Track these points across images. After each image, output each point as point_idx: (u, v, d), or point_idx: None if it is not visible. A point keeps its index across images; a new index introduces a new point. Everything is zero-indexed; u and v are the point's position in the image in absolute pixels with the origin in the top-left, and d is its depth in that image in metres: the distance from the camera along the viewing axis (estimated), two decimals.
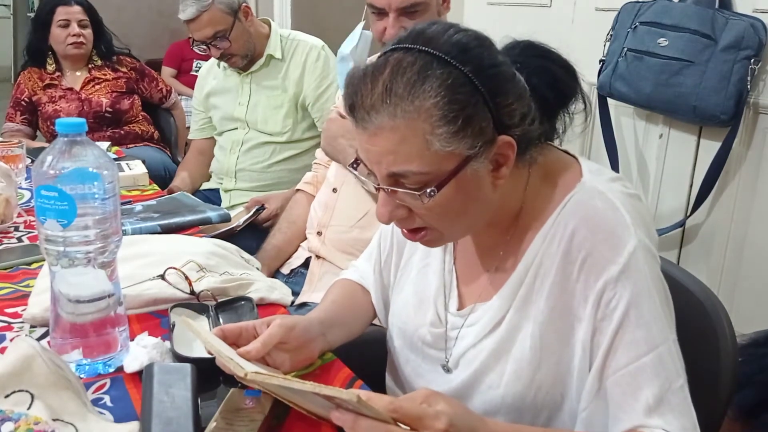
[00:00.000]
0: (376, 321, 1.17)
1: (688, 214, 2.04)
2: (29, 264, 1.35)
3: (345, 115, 0.88)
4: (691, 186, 2.06)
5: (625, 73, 2.04)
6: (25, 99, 2.84)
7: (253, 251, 1.71)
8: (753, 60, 1.80)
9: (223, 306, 1.16)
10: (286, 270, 1.79)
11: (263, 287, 1.24)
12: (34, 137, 2.89)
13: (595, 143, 2.30)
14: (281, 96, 2.30)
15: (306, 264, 1.75)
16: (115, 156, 2.34)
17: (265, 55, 2.31)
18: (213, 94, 2.44)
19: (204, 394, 0.89)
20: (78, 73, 2.88)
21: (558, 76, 0.90)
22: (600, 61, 2.13)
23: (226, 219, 1.71)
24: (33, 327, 1.11)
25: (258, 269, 1.40)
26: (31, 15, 4.92)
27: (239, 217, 2.05)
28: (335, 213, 1.67)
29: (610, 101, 2.18)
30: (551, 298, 0.89)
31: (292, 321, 0.98)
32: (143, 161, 2.14)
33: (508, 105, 0.84)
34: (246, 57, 2.29)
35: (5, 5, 6.98)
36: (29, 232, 1.54)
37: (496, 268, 0.96)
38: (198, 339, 0.96)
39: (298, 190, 1.91)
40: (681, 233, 2.10)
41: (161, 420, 0.80)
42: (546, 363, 0.89)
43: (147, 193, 1.91)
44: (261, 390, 0.88)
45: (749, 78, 1.80)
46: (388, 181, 0.85)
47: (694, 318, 1.03)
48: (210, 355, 0.93)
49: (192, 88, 2.97)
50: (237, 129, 2.38)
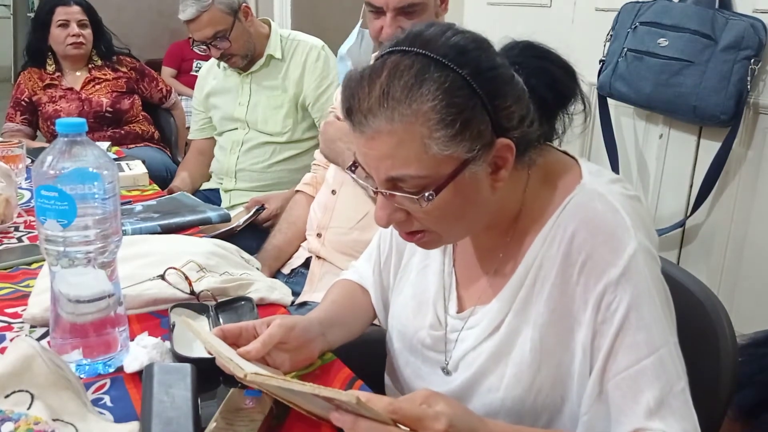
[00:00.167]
0: (376, 321, 1.17)
1: (688, 214, 2.04)
2: (29, 264, 1.35)
3: (342, 118, 0.88)
4: (691, 186, 2.06)
5: (625, 73, 2.04)
6: (25, 99, 2.84)
7: (253, 251, 1.71)
8: (753, 60, 1.80)
9: (223, 306, 1.16)
10: (286, 270, 1.79)
11: (263, 287, 1.24)
12: (34, 137, 2.89)
13: (595, 143, 2.30)
14: (281, 96, 2.30)
15: (306, 264, 1.74)
16: (115, 156, 2.34)
17: (265, 55, 2.31)
18: (213, 94, 2.44)
19: (204, 394, 0.89)
20: (78, 73, 2.88)
21: (557, 76, 0.90)
22: (600, 61, 2.13)
23: (226, 219, 1.71)
24: (33, 327, 1.11)
25: (258, 269, 1.40)
26: (31, 15, 4.92)
27: (239, 217, 2.05)
28: (334, 214, 1.67)
29: (610, 101, 2.18)
30: (551, 300, 0.88)
31: (291, 321, 0.98)
32: (143, 161, 2.14)
33: (506, 107, 0.83)
34: (246, 57, 2.29)
35: (5, 5, 6.98)
36: (29, 232, 1.54)
37: (495, 270, 0.95)
38: (198, 339, 0.96)
39: (297, 191, 1.91)
40: (681, 233, 2.10)
41: (161, 420, 0.80)
42: (546, 366, 0.89)
43: (147, 193, 1.91)
44: (261, 390, 0.88)
45: (749, 78, 1.80)
46: (386, 185, 0.85)
47: (694, 318, 1.03)
48: (210, 356, 0.93)
49: (192, 88, 2.97)
50: (237, 129, 2.38)
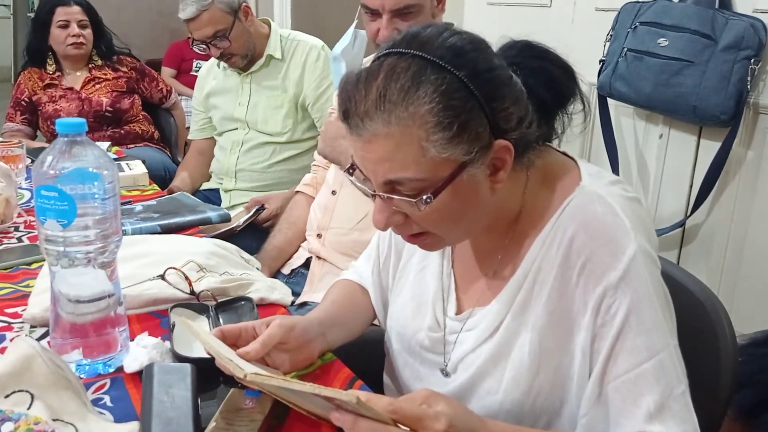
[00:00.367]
0: (376, 321, 1.17)
1: (688, 214, 2.04)
2: (29, 264, 1.35)
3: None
4: (691, 186, 2.06)
5: (625, 73, 2.04)
6: (25, 99, 2.84)
7: (253, 251, 1.71)
8: (753, 60, 1.80)
9: (223, 306, 1.16)
10: (286, 270, 1.79)
11: (263, 287, 1.24)
12: (34, 137, 2.89)
13: (595, 143, 2.30)
14: (281, 96, 2.30)
15: (307, 264, 1.74)
16: (115, 156, 2.33)
17: (265, 55, 2.31)
18: (213, 94, 2.44)
19: (204, 394, 0.89)
20: (78, 73, 2.87)
21: (556, 76, 0.89)
22: (600, 61, 2.13)
23: (226, 219, 1.71)
24: (33, 327, 1.11)
25: (258, 269, 1.40)
26: (31, 15, 4.92)
27: (239, 217, 2.05)
28: (335, 215, 1.67)
29: (610, 101, 2.18)
30: (550, 303, 0.88)
31: (291, 321, 0.98)
32: (143, 161, 2.14)
33: (504, 109, 0.82)
34: (246, 57, 2.29)
35: (5, 5, 6.98)
36: (29, 232, 1.54)
37: (494, 272, 0.95)
38: (197, 340, 0.96)
39: (297, 191, 1.91)
40: (681, 233, 2.10)
41: (161, 420, 0.80)
42: (545, 369, 0.88)
43: (147, 193, 1.91)
44: (261, 390, 0.88)
45: (749, 78, 1.80)
46: (384, 188, 0.84)
47: (694, 318, 1.03)
48: (210, 356, 0.93)
49: (192, 88, 2.97)
50: (237, 129, 2.38)
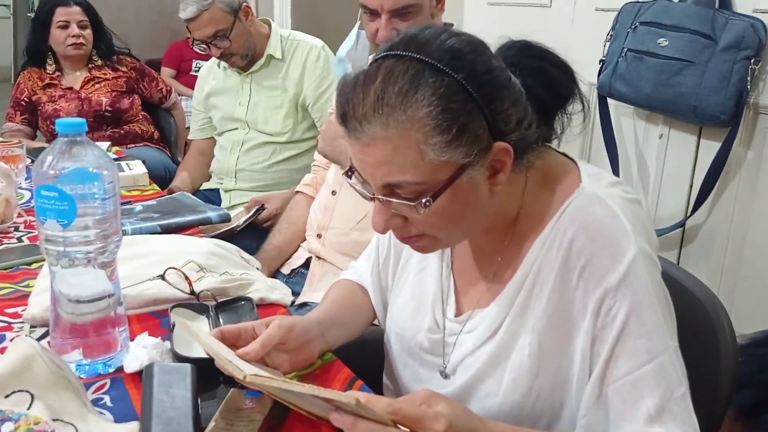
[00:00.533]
0: (376, 321, 1.17)
1: (688, 214, 2.04)
2: (29, 264, 1.35)
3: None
4: (691, 186, 2.06)
5: (625, 73, 2.04)
6: (25, 99, 2.84)
7: (253, 251, 1.71)
8: (753, 60, 1.80)
9: (223, 306, 1.16)
10: (286, 270, 1.79)
11: (263, 287, 1.24)
12: (34, 137, 2.89)
13: (595, 143, 2.30)
14: (281, 96, 2.30)
15: (306, 264, 1.75)
16: (115, 156, 2.34)
17: (266, 55, 2.31)
18: (213, 94, 2.44)
19: (204, 394, 0.89)
20: (78, 73, 2.87)
21: (555, 77, 0.89)
22: (600, 61, 2.13)
23: (226, 219, 1.71)
24: (33, 327, 1.11)
25: (258, 269, 1.40)
26: (31, 15, 4.92)
27: (239, 217, 2.05)
28: (335, 215, 1.67)
29: (610, 101, 2.18)
30: (550, 305, 0.87)
31: (291, 322, 0.98)
32: (143, 161, 2.14)
33: (503, 111, 0.82)
34: (246, 57, 2.29)
35: (5, 5, 6.97)
36: (29, 232, 1.54)
37: (494, 274, 0.95)
38: (197, 342, 0.96)
39: (297, 192, 1.91)
40: (681, 233, 2.10)
41: (161, 420, 0.80)
42: (544, 371, 0.88)
43: (147, 193, 1.91)
44: (261, 391, 0.88)
45: (749, 78, 1.80)
46: (382, 191, 0.84)
47: (694, 318, 1.03)
48: (210, 356, 0.93)
49: (191, 88, 2.97)
50: (237, 129, 2.38)
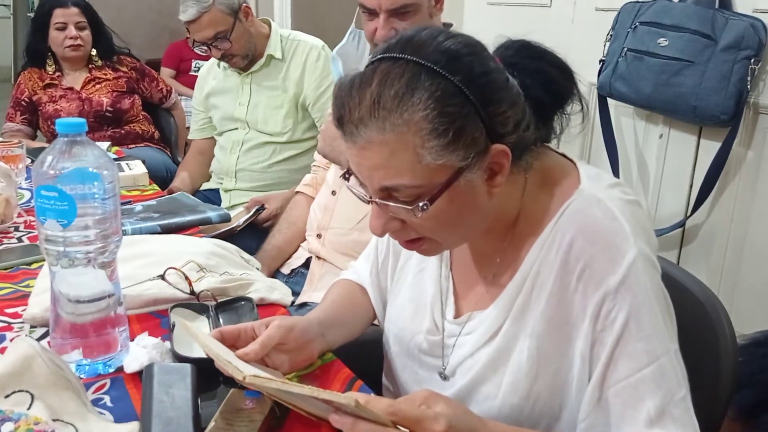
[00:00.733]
0: (376, 321, 1.17)
1: (688, 214, 2.04)
2: (29, 264, 1.35)
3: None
4: (691, 186, 2.06)
5: (625, 73, 2.04)
6: (25, 99, 2.84)
7: (253, 251, 1.71)
8: (753, 60, 1.80)
9: (223, 306, 1.16)
10: (286, 270, 1.79)
11: (263, 287, 1.24)
12: (34, 137, 2.89)
13: (595, 143, 2.30)
14: (281, 96, 2.30)
15: (306, 264, 1.74)
16: (115, 156, 2.34)
17: (266, 56, 2.31)
18: (213, 94, 2.44)
19: (204, 394, 0.89)
20: (78, 73, 2.87)
21: (553, 77, 0.88)
22: (600, 61, 2.13)
23: (226, 219, 1.71)
24: (33, 327, 1.11)
25: (258, 269, 1.40)
26: (31, 15, 4.92)
27: (239, 217, 2.05)
28: (334, 215, 1.67)
29: (610, 101, 2.18)
30: (549, 308, 0.87)
31: (290, 322, 0.98)
32: (143, 161, 2.14)
33: (501, 113, 0.81)
34: (246, 57, 2.29)
35: (5, 5, 6.98)
36: (29, 232, 1.54)
37: (493, 275, 0.94)
38: (196, 343, 0.96)
39: (297, 192, 1.91)
40: (681, 233, 2.10)
41: (161, 420, 0.80)
42: (543, 374, 0.88)
43: (147, 193, 1.91)
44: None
45: (749, 78, 1.80)
46: (379, 195, 0.84)
47: (694, 318, 1.03)
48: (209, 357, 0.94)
49: (191, 88, 2.97)
50: (237, 129, 2.38)
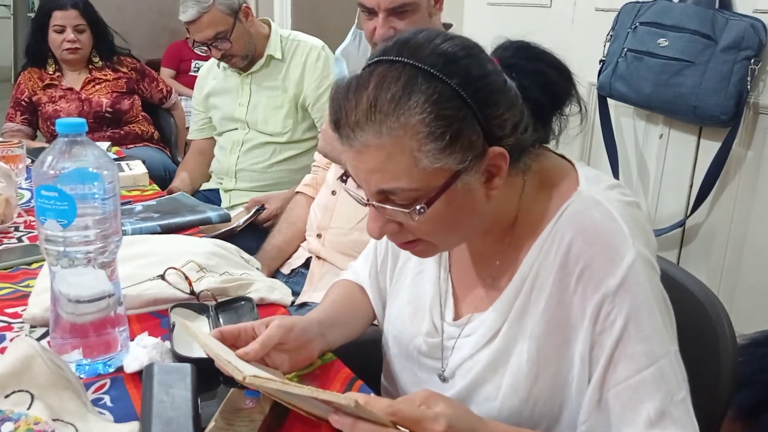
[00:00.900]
0: (376, 321, 1.17)
1: (688, 214, 2.04)
2: (29, 264, 1.35)
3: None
4: (691, 186, 2.06)
5: (625, 74, 2.04)
6: (25, 99, 2.84)
7: (253, 251, 1.71)
8: (753, 60, 1.80)
9: (223, 306, 1.16)
10: (286, 270, 1.80)
11: (263, 287, 1.24)
12: (34, 137, 2.89)
13: (595, 143, 2.30)
14: (281, 96, 2.30)
15: (306, 264, 1.75)
16: (115, 156, 2.34)
17: (266, 56, 2.31)
18: (213, 94, 2.44)
19: (204, 394, 0.89)
20: (78, 74, 2.87)
21: (551, 78, 0.88)
22: (600, 62, 2.13)
23: (226, 219, 1.71)
24: (33, 327, 1.11)
25: (258, 269, 1.40)
26: (32, 15, 4.92)
27: (239, 218, 2.05)
28: (335, 215, 1.67)
29: (610, 101, 2.18)
30: (548, 310, 0.87)
31: (290, 322, 0.98)
32: (143, 161, 2.14)
33: (498, 116, 0.81)
34: (246, 57, 2.29)
35: (5, 5, 6.99)
36: (29, 232, 1.54)
37: (492, 277, 0.94)
38: (196, 343, 0.96)
39: (297, 192, 1.91)
40: (681, 233, 2.10)
41: (161, 420, 0.80)
42: (543, 376, 0.88)
43: (147, 193, 1.91)
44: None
45: (749, 78, 1.80)
46: (377, 198, 0.84)
47: (694, 318, 1.03)
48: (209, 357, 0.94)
49: (191, 88, 2.96)
50: (237, 129, 2.38)
